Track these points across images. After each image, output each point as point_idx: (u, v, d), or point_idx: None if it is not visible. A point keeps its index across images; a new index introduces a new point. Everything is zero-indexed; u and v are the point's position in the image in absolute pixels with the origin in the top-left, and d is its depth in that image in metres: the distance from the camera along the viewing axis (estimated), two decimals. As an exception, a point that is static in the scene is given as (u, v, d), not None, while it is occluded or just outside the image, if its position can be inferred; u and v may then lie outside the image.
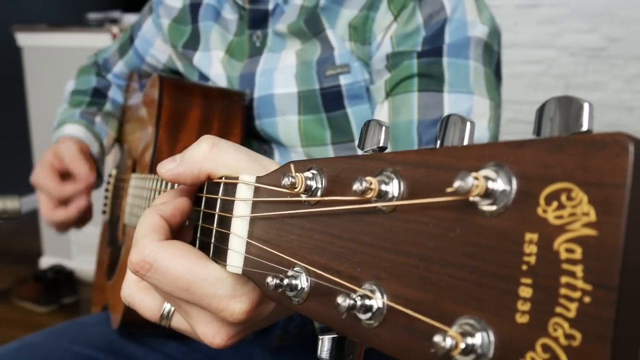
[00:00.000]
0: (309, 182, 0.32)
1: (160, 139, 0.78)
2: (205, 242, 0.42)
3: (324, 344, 0.31)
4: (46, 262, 2.83)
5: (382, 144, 0.30)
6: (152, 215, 0.41)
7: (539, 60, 1.96)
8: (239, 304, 0.38)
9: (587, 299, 0.18)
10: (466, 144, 0.25)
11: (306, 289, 0.31)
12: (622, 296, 0.18)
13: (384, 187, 0.26)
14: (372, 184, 0.26)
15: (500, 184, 0.21)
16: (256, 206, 0.38)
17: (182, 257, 0.38)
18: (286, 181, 0.31)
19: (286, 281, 0.31)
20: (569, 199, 0.19)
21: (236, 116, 0.81)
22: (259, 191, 0.37)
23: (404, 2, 0.72)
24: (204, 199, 0.43)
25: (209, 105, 0.81)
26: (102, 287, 1.01)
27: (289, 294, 0.32)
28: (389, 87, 0.72)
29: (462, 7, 0.71)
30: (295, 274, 0.32)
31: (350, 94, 0.77)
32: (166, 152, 0.78)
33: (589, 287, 0.18)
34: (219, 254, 0.40)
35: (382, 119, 0.73)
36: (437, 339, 0.21)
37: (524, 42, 1.95)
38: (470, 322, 0.22)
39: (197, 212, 0.44)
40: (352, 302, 0.26)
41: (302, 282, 0.31)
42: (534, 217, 0.20)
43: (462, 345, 0.21)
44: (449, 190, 0.23)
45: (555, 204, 0.20)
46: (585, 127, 0.21)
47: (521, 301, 0.20)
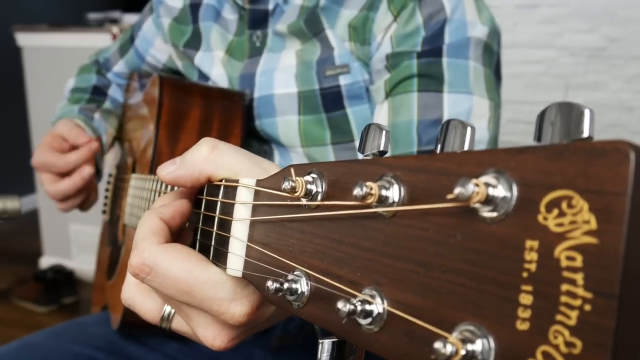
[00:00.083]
0: (309, 186, 0.32)
1: (160, 139, 0.78)
2: (205, 245, 0.42)
3: (324, 348, 0.32)
4: (46, 262, 2.83)
5: (382, 148, 0.31)
6: (151, 217, 0.41)
7: (538, 60, 1.95)
8: (240, 306, 0.38)
9: (587, 307, 0.18)
10: (466, 149, 0.25)
11: (306, 293, 0.31)
12: (622, 304, 0.18)
13: (385, 193, 0.26)
14: (372, 189, 0.26)
15: (500, 191, 0.21)
16: (256, 209, 0.38)
17: (182, 260, 0.38)
18: (286, 185, 0.31)
19: (286, 285, 0.31)
20: (570, 206, 0.19)
21: (236, 116, 0.81)
22: (259, 194, 0.37)
23: (404, 3, 0.72)
24: (204, 201, 0.43)
25: (209, 105, 0.81)
26: (102, 287, 1.01)
27: (289, 298, 0.32)
28: (388, 87, 0.72)
29: (461, 7, 0.71)
30: (295, 278, 0.32)
31: (350, 94, 0.77)
32: (166, 152, 0.78)
33: (589, 295, 0.18)
34: (219, 256, 0.39)
35: (381, 119, 0.73)
36: (438, 345, 0.21)
37: (523, 42, 1.95)
38: (470, 328, 0.22)
39: (197, 214, 0.44)
40: (352, 307, 0.26)
41: (302, 286, 0.31)
42: (535, 224, 0.20)
43: (463, 351, 0.21)
44: (449, 196, 0.23)
45: (556, 212, 0.20)
46: (586, 134, 0.21)
47: (522, 308, 0.20)
